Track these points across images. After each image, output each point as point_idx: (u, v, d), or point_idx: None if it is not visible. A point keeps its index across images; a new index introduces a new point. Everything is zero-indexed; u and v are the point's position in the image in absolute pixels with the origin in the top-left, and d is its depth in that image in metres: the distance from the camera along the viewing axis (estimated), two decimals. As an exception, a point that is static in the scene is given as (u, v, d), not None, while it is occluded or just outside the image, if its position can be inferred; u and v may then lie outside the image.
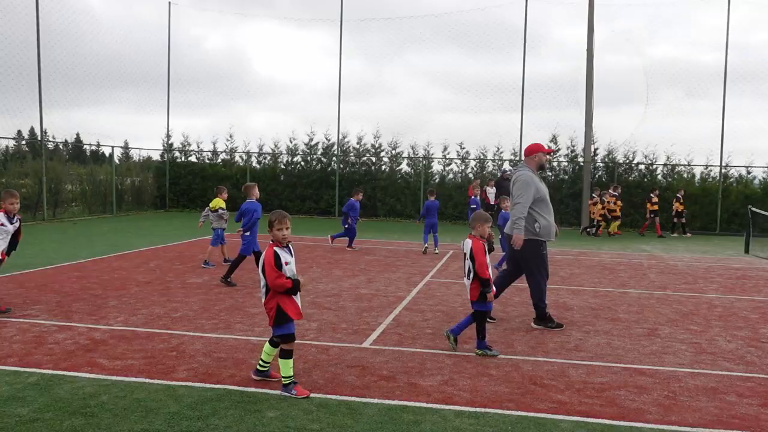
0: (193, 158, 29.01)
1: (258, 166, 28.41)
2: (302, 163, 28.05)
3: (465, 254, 6.65)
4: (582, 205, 24.60)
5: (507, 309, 8.92)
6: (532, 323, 8.00)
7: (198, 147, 28.88)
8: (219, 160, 28.81)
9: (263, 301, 5.34)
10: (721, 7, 24.79)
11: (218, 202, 12.79)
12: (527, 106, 26.09)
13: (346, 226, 15.50)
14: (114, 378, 5.50)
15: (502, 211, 12.86)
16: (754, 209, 18.97)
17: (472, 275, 6.55)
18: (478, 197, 18.00)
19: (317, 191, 27.04)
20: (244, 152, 28.57)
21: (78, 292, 9.25)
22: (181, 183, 28.05)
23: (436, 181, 27.01)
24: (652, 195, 22.41)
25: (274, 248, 5.27)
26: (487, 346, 6.61)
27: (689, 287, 11.34)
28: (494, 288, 6.69)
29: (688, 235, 22.54)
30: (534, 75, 27.17)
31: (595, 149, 25.83)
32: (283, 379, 5.27)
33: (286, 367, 5.24)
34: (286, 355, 5.28)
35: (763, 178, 25.57)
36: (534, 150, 8.21)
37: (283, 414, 4.80)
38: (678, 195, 22.56)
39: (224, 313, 8.16)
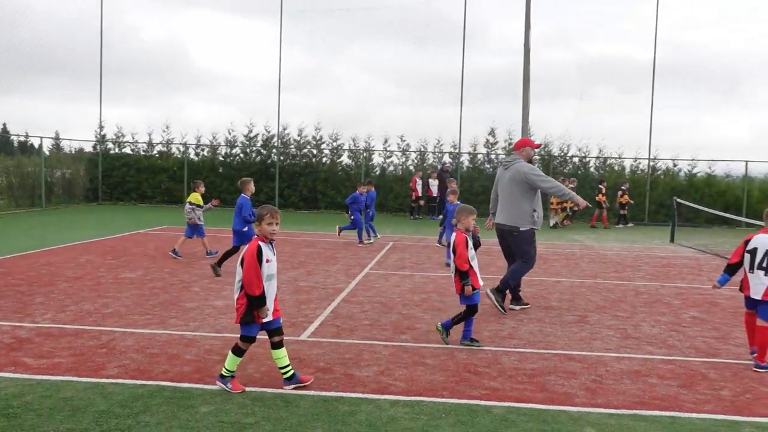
0: (127, 150, 28.19)
1: (196, 158, 27.84)
2: (241, 155, 27.66)
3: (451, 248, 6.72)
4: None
5: (444, 299, 9.06)
6: (488, 290, 8.19)
7: (133, 138, 28.08)
8: (155, 152, 28.09)
9: (236, 296, 5.18)
10: (653, 5, 25.68)
11: (193, 196, 12.81)
12: (467, 99, 26.46)
13: (353, 217, 15.47)
14: (39, 377, 5.32)
15: (447, 203, 13.10)
16: (679, 200, 19.80)
17: (455, 268, 6.61)
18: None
19: (257, 183, 26.51)
20: (181, 144, 27.95)
21: (2, 289, 8.88)
22: (114, 175, 27.21)
23: (377, 173, 27.10)
24: (600, 186, 23.08)
25: (259, 242, 5.14)
26: (470, 336, 6.66)
27: (618, 275, 11.77)
28: (480, 282, 6.65)
29: (620, 225, 23.34)
30: (474, 69, 27.58)
31: (532, 142, 26.40)
32: (223, 370, 5.20)
33: (232, 363, 5.18)
34: (237, 352, 5.19)
35: (688, 171, 26.71)
36: (523, 144, 8.82)
37: (217, 409, 4.76)
38: (623, 187, 23.32)
39: (158, 308, 8.00)
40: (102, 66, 27.42)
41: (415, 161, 27.46)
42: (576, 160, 26.67)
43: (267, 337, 5.25)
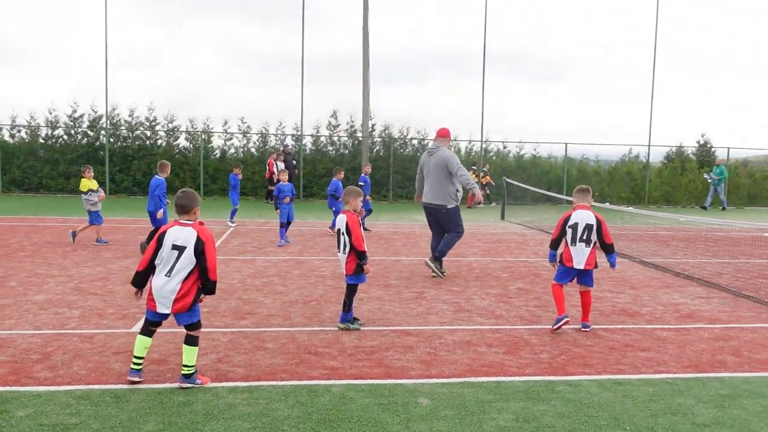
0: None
1: (11, 140, 25.31)
2: (65, 137, 25.55)
3: (339, 229, 6.61)
4: (361, 178, 25.54)
5: (286, 282, 9.02)
6: (427, 260, 9.76)
7: (-68, 118, 24.93)
8: (-40, 134, 25.17)
9: (181, 284, 4.86)
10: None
11: (86, 184, 12.13)
12: (311, 82, 26.40)
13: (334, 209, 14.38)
14: None
15: (280, 183, 13.15)
16: (508, 180, 21.21)
17: (348, 249, 6.52)
18: (368, 175, 16.31)
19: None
20: (-8, 124, 25.23)
21: None
22: None
23: (217, 156, 26.28)
24: (485, 169, 24.14)
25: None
26: (349, 319, 6.66)
27: (453, 252, 12.34)
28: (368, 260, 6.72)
29: (493, 204, 24.63)
30: (317, 51, 27.54)
31: (373, 125, 26.92)
32: (186, 369, 4.89)
33: (194, 356, 4.92)
34: (195, 341, 4.97)
35: (517, 152, 28.67)
36: (447, 134, 10.07)
37: (36, 411, 4.39)
38: (484, 169, 24.51)
39: (-34, 306, 7.20)
40: None
41: (257, 143, 26.98)
42: (415, 142, 27.61)
43: (65, 330, 4.93)
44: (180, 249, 4.87)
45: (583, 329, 6.81)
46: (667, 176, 28.37)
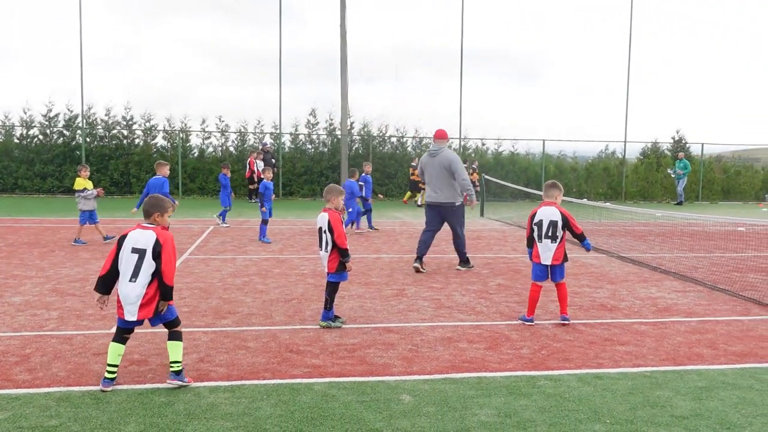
0: None
1: (-15, 141, 24.90)
2: (40, 136, 25.17)
3: (321, 228, 6.60)
4: (340, 176, 25.51)
5: (267, 280, 9.00)
6: (458, 266, 10.28)
7: None
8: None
9: (146, 289, 4.82)
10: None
11: (81, 183, 12.12)
12: (289, 80, 26.30)
13: (350, 209, 14.23)
14: None
15: (264, 181, 13.17)
16: (487, 177, 21.33)
17: (330, 247, 6.52)
18: (369, 175, 16.02)
19: (60, 168, 24.50)
20: (-36, 124, 24.79)
21: None
22: None
23: (195, 155, 26.07)
24: (474, 166, 24.14)
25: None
26: (330, 317, 6.67)
27: (433, 249, 12.38)
28: (350, 258, 6.73)
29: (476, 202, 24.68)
30: (295, 49, 27.43)
31: (352, 123, 26.89)
32: (175, 365, 4.89)
33: (180, 350, 4.93)
34: (179, 336, 4.99)
35: (495, 149, 28.83)
36: (446, 135, 10.42)
37: (15, 414, 4.34)
38: (474, 166, 24.56)
39: (-60, 309, 7.08)
40: None
41: (236, 142, 26.81)
42: (394, 140, 27.64)
43: (43, 332, 4.87)
44: (140, 252, 4.84)
45: (562, 322, 6.89)
46: (643, 172, 28.71)
